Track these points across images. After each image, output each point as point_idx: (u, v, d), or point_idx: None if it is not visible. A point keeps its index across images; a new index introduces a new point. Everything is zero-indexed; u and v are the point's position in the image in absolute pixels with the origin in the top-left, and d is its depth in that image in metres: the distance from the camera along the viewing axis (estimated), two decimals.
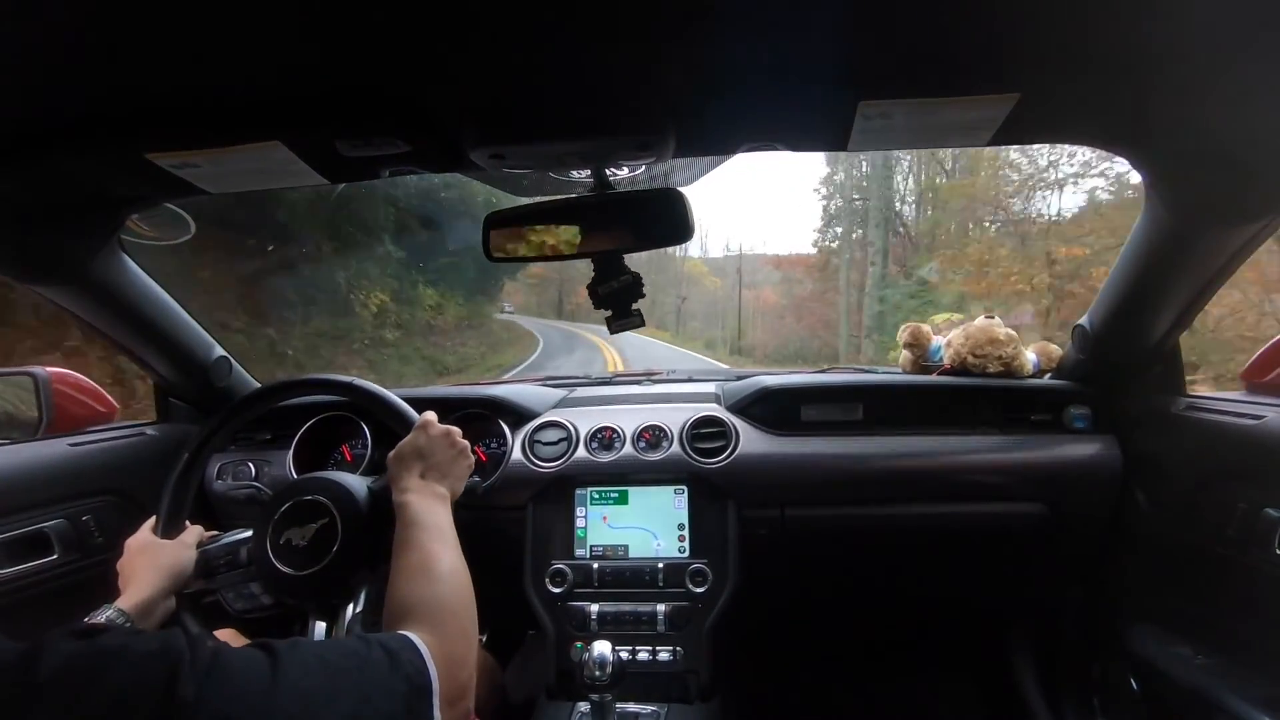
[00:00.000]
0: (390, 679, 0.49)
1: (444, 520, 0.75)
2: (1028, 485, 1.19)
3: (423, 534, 0.71)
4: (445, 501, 0.78)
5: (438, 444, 0.82)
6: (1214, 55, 0.57)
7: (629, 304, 0.85)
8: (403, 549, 0.70)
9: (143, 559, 0.80)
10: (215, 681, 0.41)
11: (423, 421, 0.85)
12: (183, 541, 0.85)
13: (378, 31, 0.53)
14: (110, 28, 0.50)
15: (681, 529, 1.17)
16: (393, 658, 0.51)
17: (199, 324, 1.25)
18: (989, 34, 0.55)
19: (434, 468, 0.80)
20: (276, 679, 0.43)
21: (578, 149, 0.74)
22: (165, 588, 0.79)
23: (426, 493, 0.77)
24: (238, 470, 1.29)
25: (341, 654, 0.49)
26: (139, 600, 0.76)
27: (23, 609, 1.00)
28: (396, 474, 0.79)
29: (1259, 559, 0.90)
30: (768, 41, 0.56)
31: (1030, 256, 8.92)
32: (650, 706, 1.03)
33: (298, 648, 0.47)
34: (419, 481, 0.78)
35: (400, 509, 0.74)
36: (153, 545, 0.83)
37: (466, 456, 0.85)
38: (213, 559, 0.84)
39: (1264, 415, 0.93)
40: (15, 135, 0.68)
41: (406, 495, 0.75)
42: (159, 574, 0.79)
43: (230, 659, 0.43)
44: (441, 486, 0.79)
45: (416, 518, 0.72)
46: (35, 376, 1.15)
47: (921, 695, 1.56)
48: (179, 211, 1.02)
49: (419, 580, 0.66)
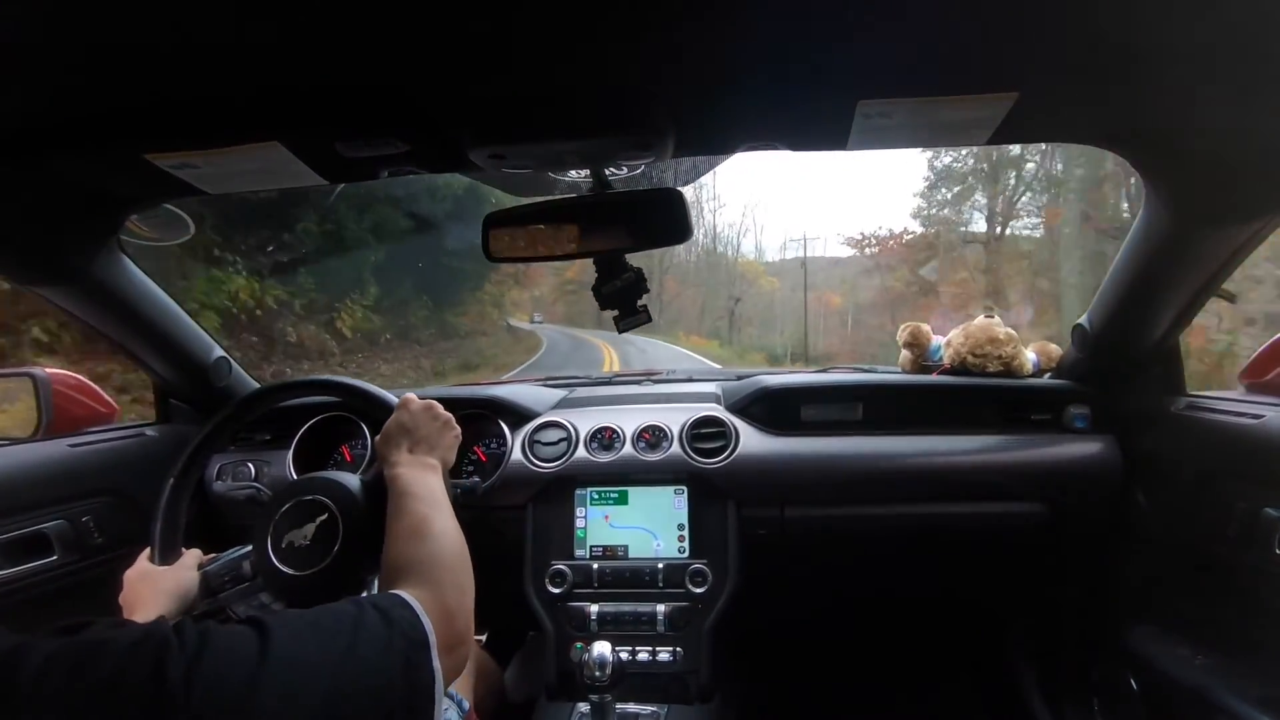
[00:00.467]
0: (386, 635, 0.50)
1: (435, 487, 0.76)
2: (1027, 485, 1.19)
3: (414, 501, 0.71)
4: (436, 471, 0.79)
5: (421, 418, 0.83)
6: (1213, 55, 0.57)
7: (634, 301, 0.85)
8: (395, 516, 0.70)
9: (144, 587, 0.79)
10: (203, 662, 0.40)
11: (403, 401, 0.85)
12: (183, 564, 0.84)
13: (376, 31, 0.53)
14: (109, 28, 0.50)
15: (681, 529, 1.17)
16: (385, 615, 0.51)
17: (198, 325, 1.25)
18: (988, 33, 0.55)
19: (421, 441, 0.81)
20: (266, 652, 0.43)
21: (577, 149, 0.74)
22: (173, 611, 0.78)
23: (416, 465, 0.78)
24: (238, 471, 1.29)
25: (334, 618, 0.49)
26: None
27: (22, 609, 1.00)
28: (385, 453, 0.80)
29: (1258, 559, 0.90)
30: (767, 41, 0.56)
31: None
32: (650, 707, 1.02)
33: (288, 619, 0.47)
34: (408, 455, 0.79)
35: (392, 481, 0.75)
36: (152, 573, 0.82)
37: (452, 427, 0.86)
38: (215, 578, 0.83)
39: (1263, 415, 0.93)
40: (14, 136, 0.68)
41: (397, 469, 0.76)
42: (164, 598, 0.78)
43: (218, 638, 0.42)
44: (431, 458, 0.80)
45: (408, 487, 0.73)
46: (35, 377, 1.15)
47: (921, 695, 1.56)
48: (178, 212, 1.02)
49: (412, 542, 0.66)
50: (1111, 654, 1.20)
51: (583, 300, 24.48)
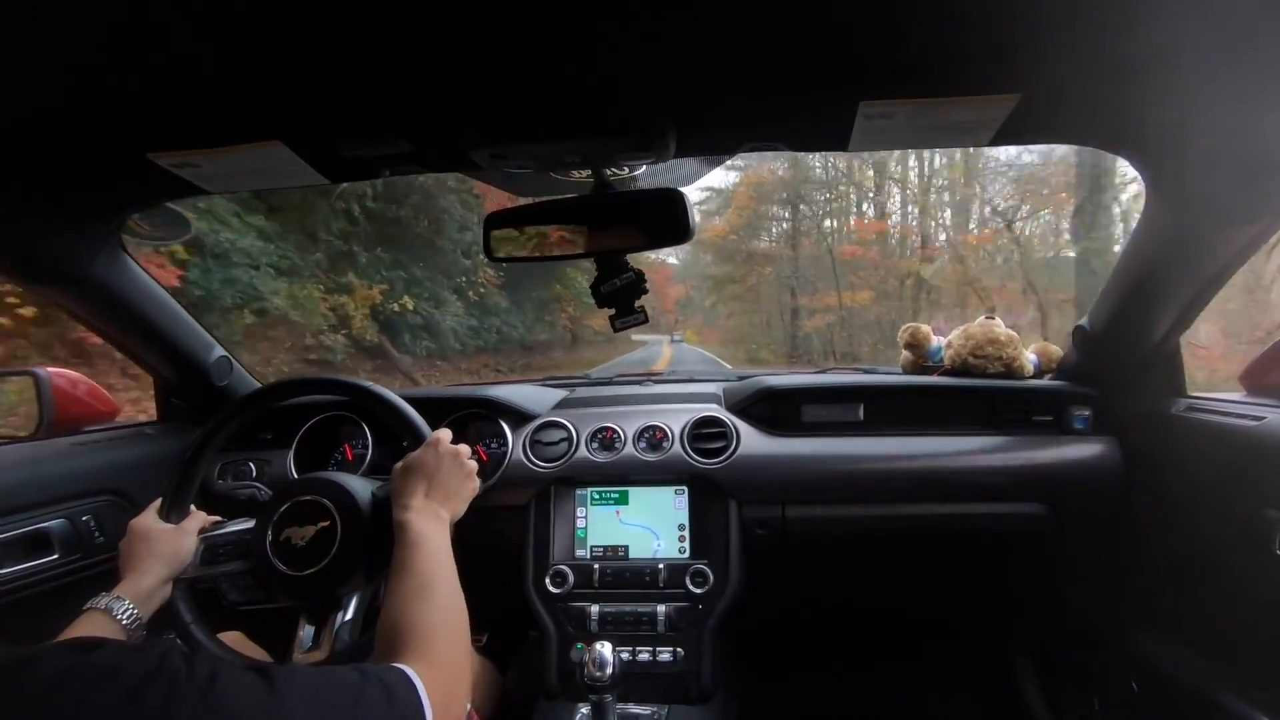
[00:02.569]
0: (385, 716, 0.49)
1: (443, 544, 0.75)
2: (1028, 486, 1.19)
3: (421, 557, 0.70)
4: (445, 525, 0.78)
5: (446, 464, 0.82)
6: (1214, 55, 0.57)
7: (632, 301, 0.86)
8: (401, 571, 0.69)
9: (144, 545, 0.81)
10: (210, 701, 0.40)
11: (434, 439, 0.84)
12: (184, 529, 0.85)
13: (378, 31, 0.53)
14: (111, 28, 0.50)
15: (682, 529, 1.17)
16: (389, 693, 0.51)
17: (199, 324, 1.26)
18: (990, 34, 0.55)
19: (439, 487, 0.80)
20: (271, 706, 0.43)
21: (578, 149, 0.74)
22: (164, 575, 0.80)
23: (429, 514, 0.76)
24: (238, 470, 1.29)
25: (338, 686, 0.49)
26: (138, 588, 0.76)
27: (23, 609, 1.00)
28: (401, 488, 0.79)
29: (1259, 560, 0.90)
30: (768, 41, 0.56)
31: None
32: (651, 707, 1.02)
33: (294, 676, 0.47)
34: (422, 501, 0.77)
35: (400, 528, 0.74)
36: (155, 531, 0.83)
37: (473, 480, 0.85)
38: (214, 547, 0.84)
39: (1264, 416, 0.93)
40: (17, 136, 0.68)
41: (408, 514, 0.75)
42: (159, 561, 0.80)
43: (226, 683, 0.43)
44: (444, 509, 0.79)
45: (416, 539, 0.72)
46: (36, 376, 1.15)
47: (921, 695, 1.56)
48: (180, 211, 1.03)
49: (415, 604, 0.65)
50: (1112, 654, 1.20)
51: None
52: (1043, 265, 10.12)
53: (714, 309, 18.99)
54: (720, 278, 17.27)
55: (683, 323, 23.44)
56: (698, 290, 20.78)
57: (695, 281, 20.83)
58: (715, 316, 19.43)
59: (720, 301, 17.86)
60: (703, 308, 20.61)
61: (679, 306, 23.47)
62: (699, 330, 21.72)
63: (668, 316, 23.46)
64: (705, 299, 19.73)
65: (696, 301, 21.48)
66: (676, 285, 22.24)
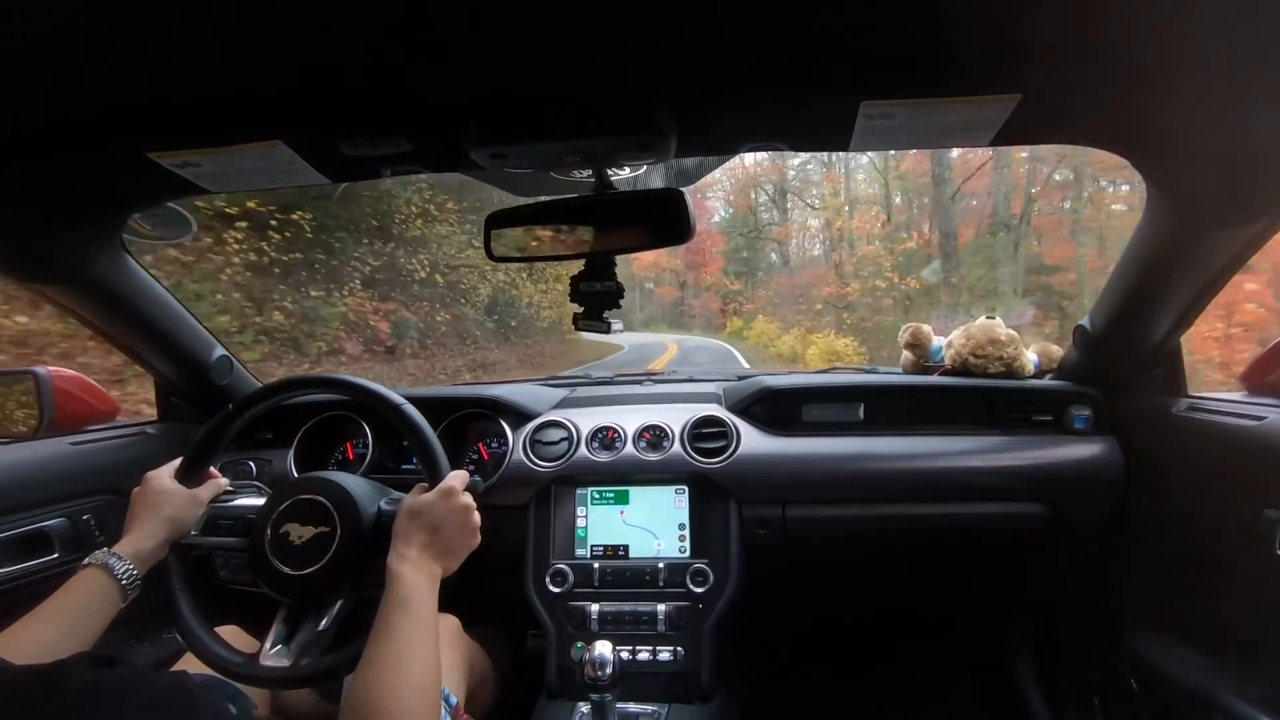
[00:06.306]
0: None
1: (428, 608, 0.72)
2: (1029, 486, 1.19)
3: (406, 619, 0.69)
4: (436, 582, 0.75)
5: (454, 517, 0.79)
6: (1215, 56, 0.57)
7: (602, 310, 0.86)
8: (381, 634, 0.67)
9: (152, 507, 0.82)
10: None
11: (450, 488, 0.80)
12: (197, 496, 0.85)
13: (378, 30, 0.53)
14: (112, 27, 0.50)
15: (682, 529, 1.17)
16: None
17: (199, 323, 1.26)
18: (991, 34, 0.55)
19: (439, 541, 0.77)
20: None
21: (578, 148, 0.74)
22: (165, 538, 0.81)
23: (422, 570, 0.74)
24: (239, 469, 1.29)
25: None
26: (139, 549, 0.77)
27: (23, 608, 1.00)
28: (401, 531, 0.76)
29: (1259, 559, 0.90)
30: (769, 41, 0.56)
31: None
32: (650, 706, 1.03)
33: None
34: (418, 553, 0.75)
35: (392, 579, 0.71)
36: (168, 492, 0.83)
37: (475, 536, 0.82)
38: (216, 518, 0.85)
39: (1265, 416, 0.93)
40: (17, 135, 0.68)
41: (402, 566, 0.72)
42: (162, 524, 0.81)
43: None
44: (438, 565, 0.76)
45: (404, 599, 0.70)
46: (36, 376, 1.15)
47: (922, 695, 1.56)
48: (181, 211, 1.02)
49: (391, 676, 0.64)
50: (1112, 654, 1.20)
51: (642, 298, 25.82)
52: None
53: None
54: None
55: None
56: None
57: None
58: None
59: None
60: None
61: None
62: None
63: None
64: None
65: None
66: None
